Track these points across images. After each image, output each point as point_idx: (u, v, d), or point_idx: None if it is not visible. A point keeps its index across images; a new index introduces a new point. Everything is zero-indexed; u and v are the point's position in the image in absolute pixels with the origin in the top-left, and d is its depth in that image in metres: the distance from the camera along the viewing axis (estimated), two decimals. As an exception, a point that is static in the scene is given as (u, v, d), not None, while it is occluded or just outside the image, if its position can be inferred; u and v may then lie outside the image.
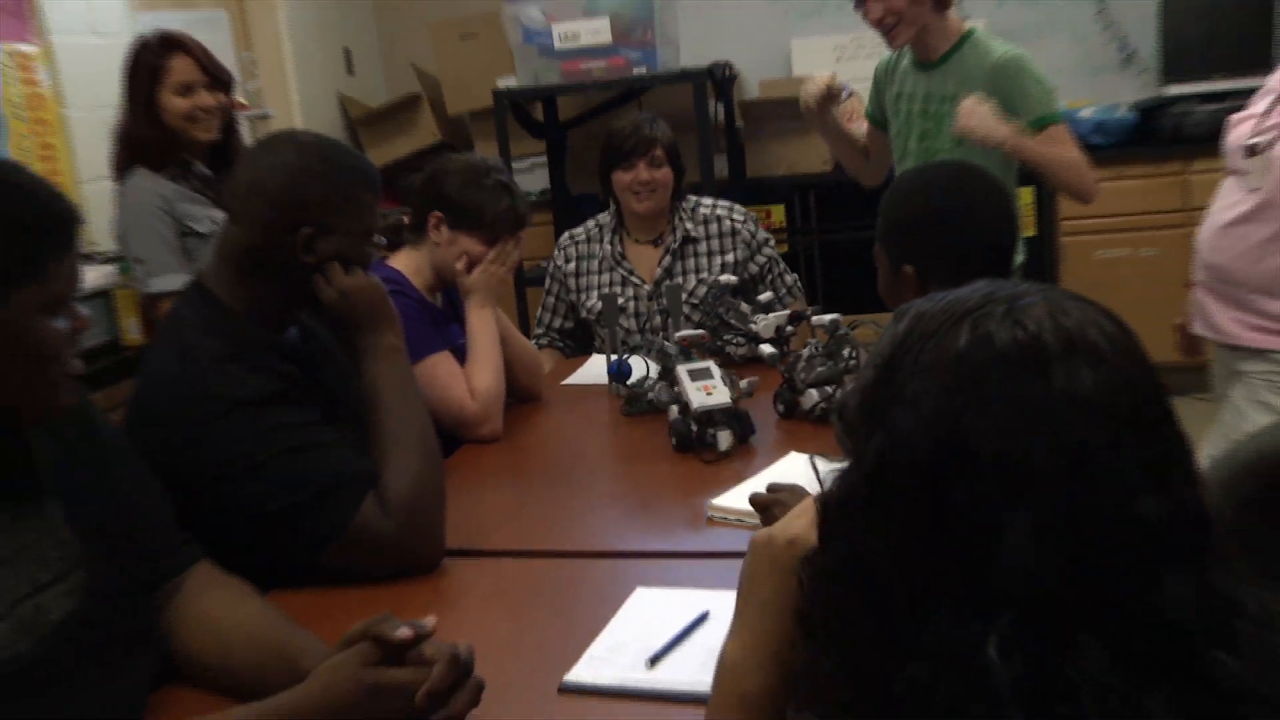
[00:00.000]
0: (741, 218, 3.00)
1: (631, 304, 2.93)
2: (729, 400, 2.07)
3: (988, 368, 0.76)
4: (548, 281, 3.08)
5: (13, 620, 1.17)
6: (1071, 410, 0.74)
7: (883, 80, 2.84)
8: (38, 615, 1.20)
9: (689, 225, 2.95)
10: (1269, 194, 2.26)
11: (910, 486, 0.77)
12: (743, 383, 2.20)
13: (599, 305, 2.91)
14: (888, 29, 2.61)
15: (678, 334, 2.33)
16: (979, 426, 0.75)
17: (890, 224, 1.84)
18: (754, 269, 2.97)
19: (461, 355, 2.36)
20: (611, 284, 2.95)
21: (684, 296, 2.78)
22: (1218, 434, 2.41)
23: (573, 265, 3.02)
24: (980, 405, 0.75)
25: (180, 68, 2.82)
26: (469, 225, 2.37)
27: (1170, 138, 4.36)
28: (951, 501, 0.75)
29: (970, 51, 2.62)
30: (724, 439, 2.06)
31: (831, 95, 2.74)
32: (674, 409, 2.17)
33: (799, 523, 1.00)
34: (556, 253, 3.08)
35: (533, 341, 3.06)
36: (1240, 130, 2.38)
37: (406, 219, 2.48)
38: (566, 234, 3.09)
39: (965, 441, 0.75)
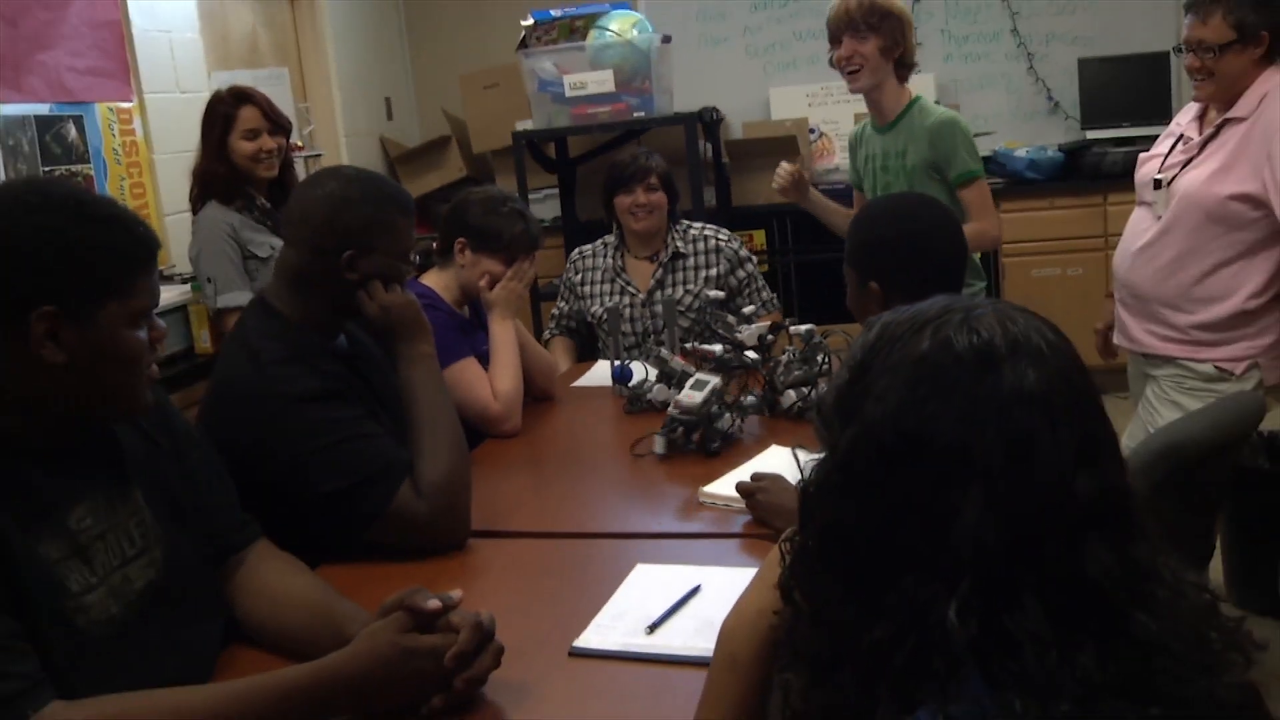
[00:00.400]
0: (726, 237, 2.97)
1: (628, 310, 2.90)
2: (694, 415, 1.97)
3: (947, 367, 0.76)
4: (561, 289, 3.07)
5: (107, 586, 1.19)
6: (1018, 403, 0.74)
7: (855, 148, 2.85)
8: (125, 583, 1.21)
9: (679, 244, 2.93)
10: (1171, 221, 2.26)
11: (878, 470, 0.77)
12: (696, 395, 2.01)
13: (602, 312, 2.89)
14: (851, 71, 2.59)
15: (692, 345, 2.28)
16: (939, 417, 0.74)
17: (858, 246, 1.82)
18: (734, 283, 2.94)
19: (485, 361, 2.33)
20: (612, 293, 2.93)
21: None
22: (1135, 427, 2.41)
23: (580, 276, 3.00)
24: (940, 399, 0.75)
25: (248, 116, 2.81)
26: (489, 248, 2.34)
27: (1091, 174, 4.38)
28: (914, 483, 0.75)
29: (916, 115, 2.62)
30: (659, 443, 2.00)
31: (800, 182, 2.77)
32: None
33: None
34: (568, 265, 3.06)
35: (545, 333, 3.04)
36: (1147, 168, 2.40)
37: (435, 245, 2.46)
38: (576, 250, 3.07)
39: (926, 430, 0.75)
